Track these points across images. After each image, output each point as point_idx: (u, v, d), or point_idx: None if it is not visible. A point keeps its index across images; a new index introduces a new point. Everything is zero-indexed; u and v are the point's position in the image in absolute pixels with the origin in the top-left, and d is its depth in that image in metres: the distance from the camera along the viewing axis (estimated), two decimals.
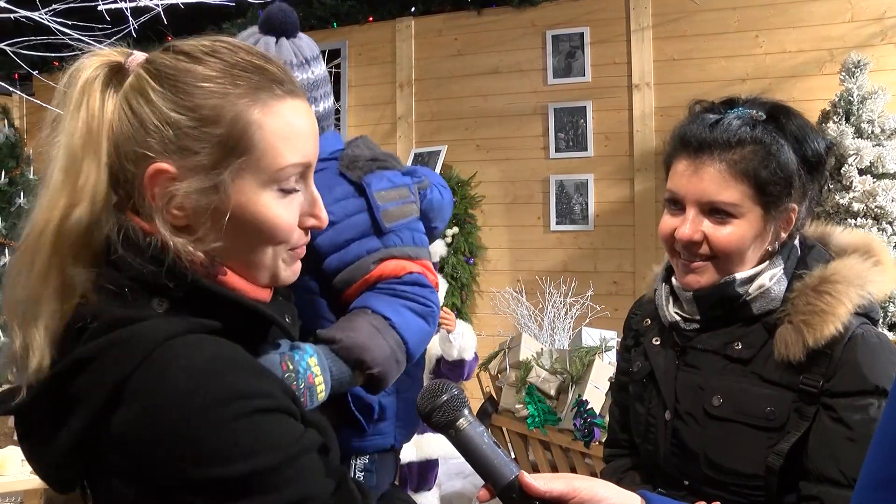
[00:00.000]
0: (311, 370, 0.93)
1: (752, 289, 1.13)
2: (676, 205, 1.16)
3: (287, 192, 0.81)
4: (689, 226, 1.12)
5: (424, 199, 1.24)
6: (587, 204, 4.50)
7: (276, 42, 1.23)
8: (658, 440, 1.21)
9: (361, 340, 1.02)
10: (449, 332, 2.87)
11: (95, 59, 0.80)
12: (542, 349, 3.37)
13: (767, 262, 1.15)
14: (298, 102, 0.82)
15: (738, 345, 1.14)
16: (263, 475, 0.69)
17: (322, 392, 0.94)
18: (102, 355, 0.72)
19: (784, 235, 1.15)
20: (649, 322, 1.29)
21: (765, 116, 1.13)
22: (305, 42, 1.26)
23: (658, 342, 1.25)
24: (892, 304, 3.24)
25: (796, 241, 1.19)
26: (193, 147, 0.77)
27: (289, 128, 0.80)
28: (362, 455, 1.25)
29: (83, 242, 0.76)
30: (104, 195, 0.77)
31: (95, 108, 0.77)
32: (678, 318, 1.20)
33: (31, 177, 5.63)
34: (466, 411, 0.85)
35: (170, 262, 0.76)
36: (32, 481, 2.93)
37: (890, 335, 3.24)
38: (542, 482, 0.81)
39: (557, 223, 4.55)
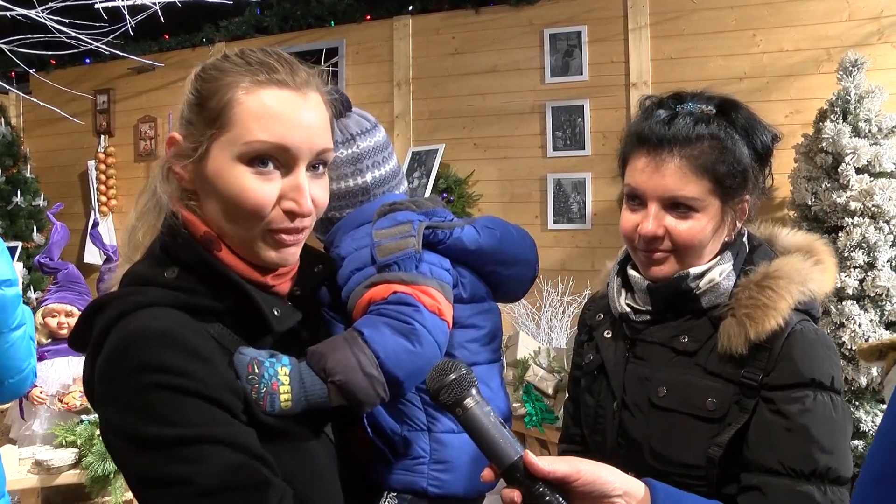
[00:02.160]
0: (278, 378, 0.96)
1: (703, 283, 1.16)
2: (636, 200, 1.18)
3: (262, 171, 0.92)
4: (652, 221, 1.14)
5: (449, 237, 1.27)
6: (585, 203, 4.50)
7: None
8: (606, 431, 1.23)
9: (323, 349, 1.04)
10: None
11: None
12: (539, 348, 3.37)
13: (718, 257, 1.18)
14: (288, 94, 0.93)
15: (684, 338, 1.17)
16: (159, 442, 0.81)
17: (287, 401, 0.97)
18: (109, 304, 0.91)
19: (739, 225, 1.20)
20: (602, 316, 1.32)
21: (714, 111, 1.15)
22: (353, 120, 1.37)
23: (609, 335, 1.27)
24: (889, 303, 3.25)
25: (745, 239, 1.22)
26: (193, 119, 0.95)
27: (264, 109, 0.92)
28: (392, 492, 1.23)
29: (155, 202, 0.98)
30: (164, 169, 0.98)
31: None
32: (629, 309, 1.23)
33: (28, 175, 5.61)
34: (474, 391, 0.86)
35: (182, 235, 0.94)
36: (28, 480, 2.92)
37: (887, 333, 3.24)
38: (546, 463, 0.82)
39: (555, 222, 4.55)
